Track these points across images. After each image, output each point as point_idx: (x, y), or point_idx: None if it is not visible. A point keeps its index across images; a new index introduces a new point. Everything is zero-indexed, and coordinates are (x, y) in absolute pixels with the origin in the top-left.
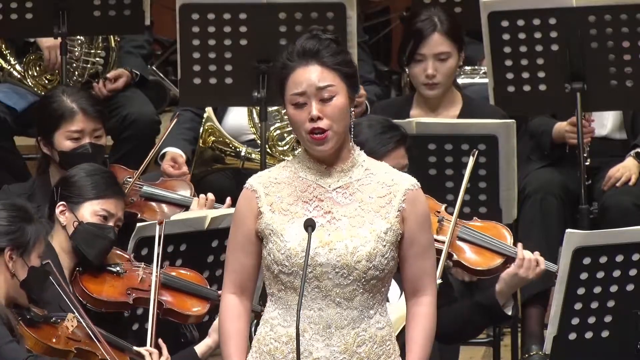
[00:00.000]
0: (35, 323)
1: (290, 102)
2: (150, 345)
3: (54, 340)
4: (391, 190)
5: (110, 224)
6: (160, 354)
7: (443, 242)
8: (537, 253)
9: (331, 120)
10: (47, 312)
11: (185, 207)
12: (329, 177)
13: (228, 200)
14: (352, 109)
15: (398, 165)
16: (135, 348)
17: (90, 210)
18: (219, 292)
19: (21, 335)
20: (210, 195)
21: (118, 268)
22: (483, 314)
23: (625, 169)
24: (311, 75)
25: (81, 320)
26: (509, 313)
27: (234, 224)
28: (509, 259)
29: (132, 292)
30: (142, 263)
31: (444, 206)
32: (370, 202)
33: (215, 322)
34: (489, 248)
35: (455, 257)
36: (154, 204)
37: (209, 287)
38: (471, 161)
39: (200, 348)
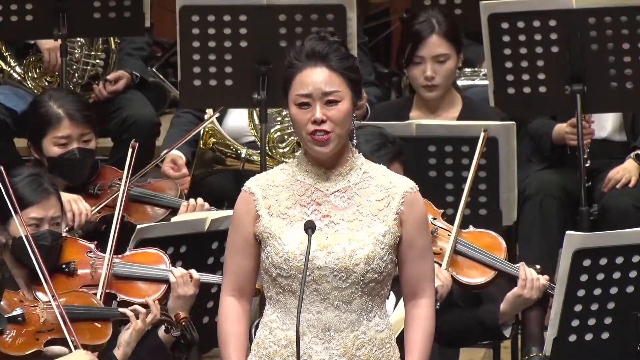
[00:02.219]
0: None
1: (294, 101)
2: None
3: (17, 347)
4: (389, 194)
5: (45, 227)
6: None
7: (437, 254)
8: (545, 277)
9: (334, 124)
10: (23, 295)
11: (173, 209)
12: (327, 180)
13: (206, 204)
14: (354, 114)
15: None
16: (120, 310)
17: (19, 224)
18: (176, 268)
19: None
20: (200, 200)
21: (68, 267)
22: (482, 331)
23: (625, 171)
24: (318, 78)
25: (52, 304)
26: (507, 335)
27: (232, 226)
28: (501, 273)
29: (86, 289)
30: (98, 254)
31: (440, 212)
32: (368, 205)
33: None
34: (482, 262)
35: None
36: (141, 205)
37: (168, 266)
38: (482, 137)
39: (162, 332)
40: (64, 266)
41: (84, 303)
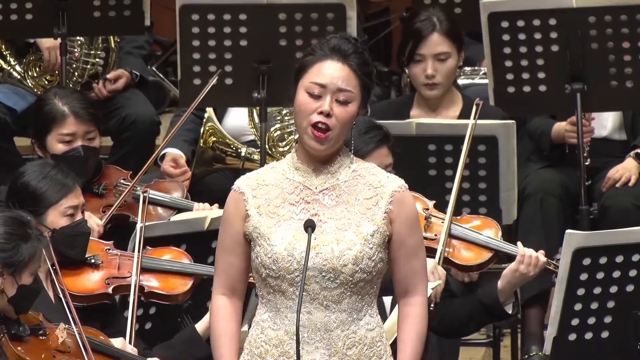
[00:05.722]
0: (20, 337)
1: (306, 88)
2: (131, 332)
3: (35, 355)
4: (378, 192)
5: (79, 216)
6: None
7: (431, 240)
8: (541, 252)
9: (338, 122)
10: (43, 318)
11: (178, 209)
12: (315, 178)
13: (214, 207)
14: (354, 122)
15: (382, 164)
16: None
17: (57, 214)
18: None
19: (3, 352)
20: (207, 206)
21: (94, 259)
22: (484, 312)
23: (624, 170)
24: (337, 73)
25: (73, 329)
26: (510, 311)
27: (222, 225)
28: (497, 253)
29: (111, 281)
30: (118, 250)
31: (432, 203)
32: (356, 203)
33: None
34: (477, 243)
35: (445, 254)
36: (147, 206)
37: (191, 262)
38: (474, 110)
39: (201, 325)
40: (89, 258)
41: (102, 341)
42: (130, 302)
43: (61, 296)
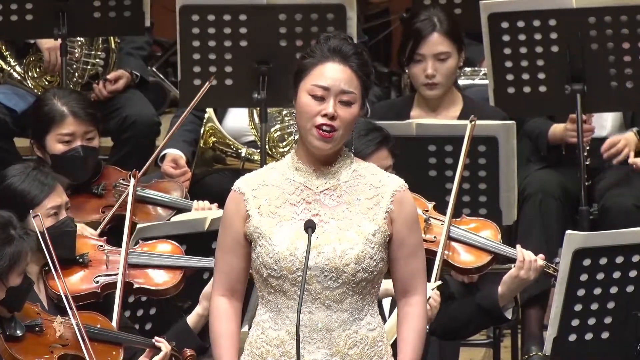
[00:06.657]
0: (16, 337)
1: (308, 91)
2: (117, 325)
3: (31, 353)
4: (379, 192)
5: (64, 214)
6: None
7: (431, 242)
8: (541, 256)
9: (342, 123)
10: (40, 309)
11: (177, 209)
12: (316, 179)
13: (214, 206)
14: (355, 122)
15: (381, 166)
16: (142, 339)
17: (41, 215)
18: (198, 261)
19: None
20: (207, 204)
21: (82, 258)
22: (483, 316)
23: (626, 140)
24: (339, 75)
25: (72, 320)
26: (509, 316)
27: (222, 226)
28: (496, 256)
29: (99, 279)
30: (109, 247)
31: (431, 205)
32: (357, 203)
33: (205, 289)
34: (476, 246)
35: (444, 256)
36: (146, 206)
37: (183, 254)
38: (469, 127)
39: (191, 318)
40: (77, 257)
41: (102, 326)
42: (116, 301)
43: (54, 298)
